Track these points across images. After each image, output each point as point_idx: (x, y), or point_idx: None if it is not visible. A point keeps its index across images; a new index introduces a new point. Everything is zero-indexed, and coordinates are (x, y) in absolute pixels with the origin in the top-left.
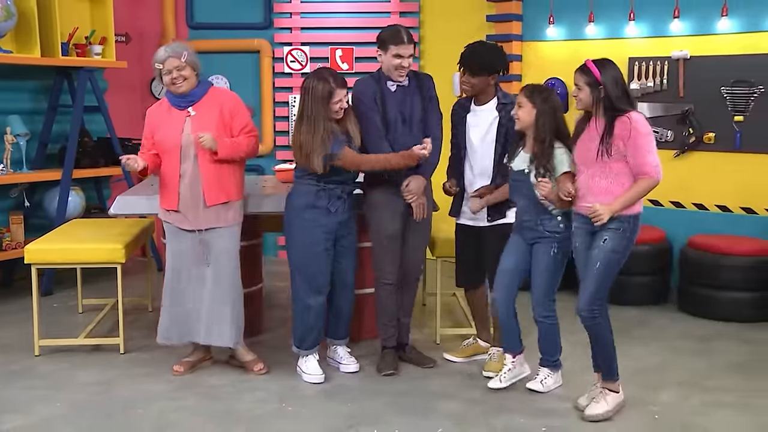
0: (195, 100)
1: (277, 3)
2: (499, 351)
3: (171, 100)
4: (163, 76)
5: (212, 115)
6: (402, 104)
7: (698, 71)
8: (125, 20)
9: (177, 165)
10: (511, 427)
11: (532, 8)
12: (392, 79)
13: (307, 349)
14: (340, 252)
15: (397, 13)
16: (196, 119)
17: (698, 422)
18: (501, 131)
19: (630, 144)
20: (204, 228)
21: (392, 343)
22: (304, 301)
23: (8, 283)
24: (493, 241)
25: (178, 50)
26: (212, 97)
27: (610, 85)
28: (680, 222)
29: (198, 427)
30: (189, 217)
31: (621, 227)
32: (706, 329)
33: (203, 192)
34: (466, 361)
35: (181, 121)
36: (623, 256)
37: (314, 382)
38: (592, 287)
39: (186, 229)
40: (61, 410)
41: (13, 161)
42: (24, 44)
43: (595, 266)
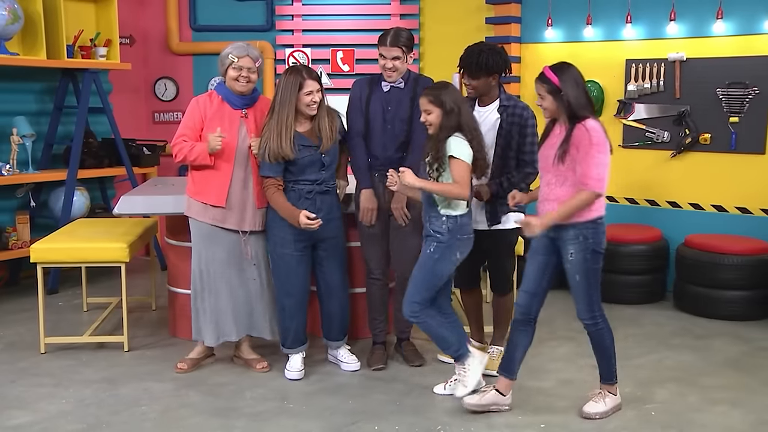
0: (250, 104)
1: (279, 5)
2: (500, 350)
3: (227, 96)
4: (230, 69)
5: (260, 122)
6: (388, 105)
7: (694, 73)
8: (129, 22)
9: (230, 163)
10: (511, 424)
11: (531, 11)
12: (385, 79)
13: (289, 347)
14: (322, 256)
15: (398, 15)
16: (250, 123)
17: (695, 419)
18: (501, 133)
19: (581, 152)
20: (249, 230)
21: (381, 338)
22: (279, 302)
23: (15, 281)
24: (494, 245)
25: (256, 54)
26: (262, 105)
27: (571, 90)
28: (676, 221)
29: (201, 423)
30: (235, 215)
31: (580, 235)
32: (703, 327)
33: (255, 194)
34: None
35: (236, 122)
36: (596, 261)
37: (292, 378)
38: (584, 298)
39: (226, 227)
40: (67, 407)
41: (19, 162)
42: (30, 46)
43: (575, 279)
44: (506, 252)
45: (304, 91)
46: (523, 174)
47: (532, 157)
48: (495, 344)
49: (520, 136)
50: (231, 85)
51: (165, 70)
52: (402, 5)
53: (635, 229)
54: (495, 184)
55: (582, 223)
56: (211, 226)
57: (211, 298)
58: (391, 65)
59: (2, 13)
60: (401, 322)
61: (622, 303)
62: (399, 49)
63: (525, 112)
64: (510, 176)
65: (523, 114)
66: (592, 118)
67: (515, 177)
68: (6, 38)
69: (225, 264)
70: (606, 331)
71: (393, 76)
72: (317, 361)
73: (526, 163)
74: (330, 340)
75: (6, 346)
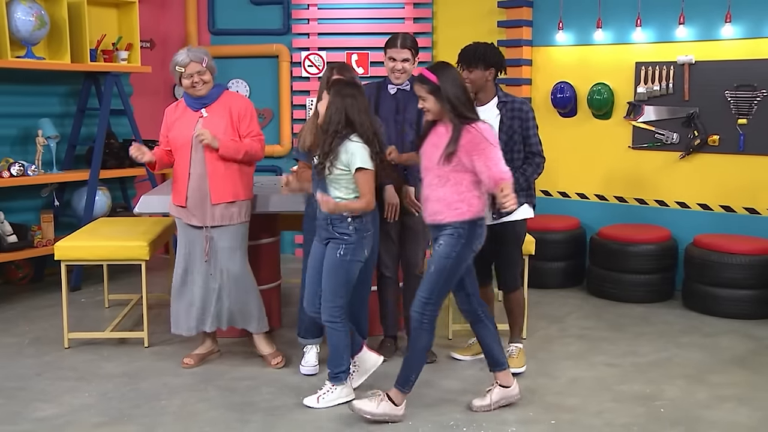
0: (209, 103)
1: (295, 9)
2: (518, 347)
3: (187, 100)
4: (182, 79)
5: (223, 117)
6: (397, 106)
7: (703, 76)
8: (150, 27)
9: (187, 163)
10: (522, 420)
11: (542, 14)
12: (392, 82)
13: (303, 337)
14: None
15: (411, 19)
16: (208, 120)
17: (704, 416)
18: (503, 128)
19: (481, 156)
20: (210, 225)
21: (392, 332)
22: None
23: (39, 278)
24: (499, 239)
25: (199, 55)
26: (225, 101)
27: (450, 88)
28: (685, 221)
29: (218, 417)
30: (196, 213)
31: (455, 233)
32: (711, 326)
33: (209, 190)
34: (472, 359)
35: (193, 121)
36: (456, 263)
37: (306, 374)
38: (425, 291)
39: (194, 225)
40: (90, 400)
41: (44, 162)
42: (55, 51)
43: (430, 269)
44: (513, 245)
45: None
46: (534, 165)
47: (538, 147)
48: (512, 342)
49: (523, 129)
50: (190, 93)
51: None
52: (415, 9)
53: (644, 229)
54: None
55: (460, 222)
56: (184, 223)
57: (188, 291)
58: (401, 67)
59: (29, 19)
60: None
61: (631, 302)
62: (409, 51)
63: (524, 105)
64: (523, 170)
65: (523, 108)
66: (480, 120)
67: (528, 170)
68: (33, 43)
69: (196, 259)
70: (425, 335)
71: (401, 78)
72: None
73: (534, 153)
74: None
75: (32, 341)
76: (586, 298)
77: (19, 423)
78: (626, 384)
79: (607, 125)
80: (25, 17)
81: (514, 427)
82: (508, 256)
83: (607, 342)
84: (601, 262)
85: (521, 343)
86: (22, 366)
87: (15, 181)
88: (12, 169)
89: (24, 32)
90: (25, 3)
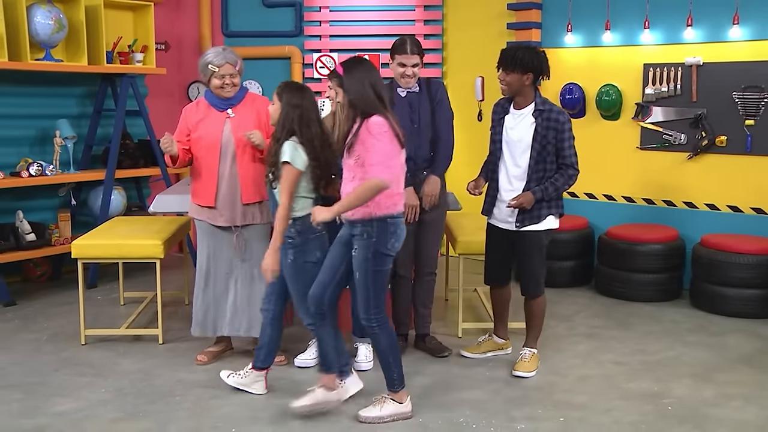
0: (234, 103)
1: (307, 12)
2: (532, 351)
3: (211, 101)
4: (213, 78)
5: (250, 118)
6: (411, 108)
7: (711, 77)
8: (165, 29)
9: (216, 163)
10: (531, 417)
11: (551, 16)
12: (401, 86)
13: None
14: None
15: (422, 21)
16: (236, 120)
17: (711, 414)
18: (536, 137)
19: (365, 151)
20: (240, 224)
21: (404, 330)
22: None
23: (57, 276)
24: (520, 246)
25: (233, 58)
26: (249, 102)
27: (351, 84)
28: (693, 221)
29: (231, 413)
30: (225, 213)
31: (365, 233)
32: (718, 325)
33: (241, 190)
34: (482, 357)
35: (221, 122)
36: (379, 263)
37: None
38: (362, 297)
39: (220, 225)
40: (107, 396)
41: (61, 162)
42: (73, 53)
43: (356, 276)
44: (535, 254)
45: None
46: (566, 176)
47: (572, 159)
48: (527, 346)
49: (557, 140)
50: (217, 93)
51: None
52: (426, 11)
53: (652, 228)
54: (539, 190)
55: (368, 220)
56: (209, 224)
57: (209, 293)
58: (411, 72)
59: (48, 22)
60: (421, 317)
61: (640, 301)
62: (418, 56)
63: (561, 116)
64: (554, 180)
65: (559, 118)
66: (380, 114)
67: (559, 180)
68: (52, 46)
69: (223, 260)
70: (381, 336)
71: (411, 82)
72: None
73: (567, 165)
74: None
75: (50, 337)
76: (595, 297)
77: (38, 417)
78: (634, 382)
79: (616, 126)
80: (44, 21)
81: (523, 424)
82: (527, 264)
83: (615, 340)
84: (610, 261)
85: (536, 348)
86: (40, 362)
87: (34, 180)
88: (31, 169)
89: (43, 35)
90: (44, 6)
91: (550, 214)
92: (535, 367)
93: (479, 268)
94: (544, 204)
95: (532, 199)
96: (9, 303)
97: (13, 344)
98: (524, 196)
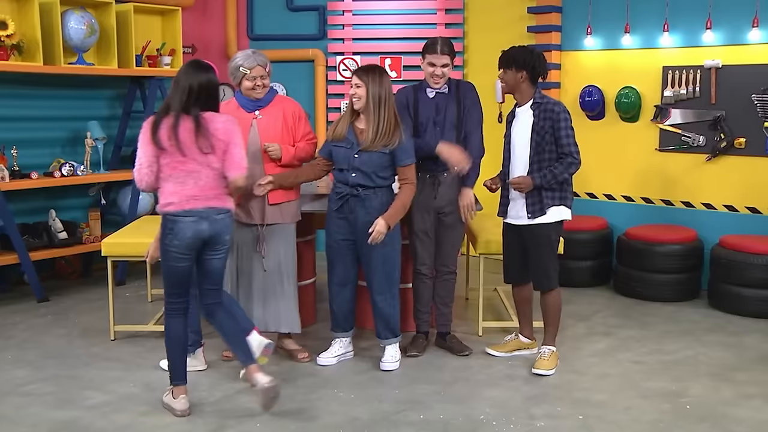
0: (262, 105)
1: (330, 16)
2: (551, 350)
3: (240, 101)
4: (244, 80)
5: (277, 120)
6: (436, 109)
7: (730, 79)
8: (192, 33)
9: None
10: (551, 415)
11: (571, 19)
12: (430, 86)
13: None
14: (361, 256)
15: (443, 24)
16: (263, 122)
17: (729, 413)
18: (535, 128)
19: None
20: (266, 223)
21: (424, 328)
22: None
23: (87, 273)
24: (530, 240)
25: (264, 60)
26: (277, 104)
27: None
28: (711, 222)
29: (256, 407)
30: (251, 211)
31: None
32: (736, 325)
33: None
34: (507, 356)
35: (248, 123)
36: (163, 257)
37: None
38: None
39: (244, 222)
40: (135, 390)
41: (91, 163)
42: (104, 57)
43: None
44: (544, 246)
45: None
46: (565, 164)
47: (570, 148)
48: (545, 344)
49: (555, 129)
50: (248, 94)
51: (224, 77)
52: (447, 15)
53: (671, 229)
54: (538, 176)
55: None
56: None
57: (237, 288)
58: (440, 72)
59: (81, 27)
60: (442, 316)
61: (658, 300)
62: (448, 57)
63: (556, 107)
64: (553, 167)
65: (554, 109)
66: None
67: (558, 168)
68: (84, 50)
69: (247, 256)
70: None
71: (440, 82)
72: (366, 352)
73: (565, 154)
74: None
75: (81, 333)
76: (613, 297)
77: (70, 409)
78: (652, 381)
79: (635, 128)
80: (77, 26)
81: (542, 422)
82: (537, 256)
83: (634, 340)
84: (628, 261)
85: (554, 346)
86: (72, 356)
87: (66, 180)
88: (63, 170)
89: (76, 40)
90: (77, 12)
91: (553, 205)
92: (555, 365)
93: (499, 268)
94: (545, 194)
95: (530, 182)
96: (42, 299)
97: (46, 339)
98: (523, 177)
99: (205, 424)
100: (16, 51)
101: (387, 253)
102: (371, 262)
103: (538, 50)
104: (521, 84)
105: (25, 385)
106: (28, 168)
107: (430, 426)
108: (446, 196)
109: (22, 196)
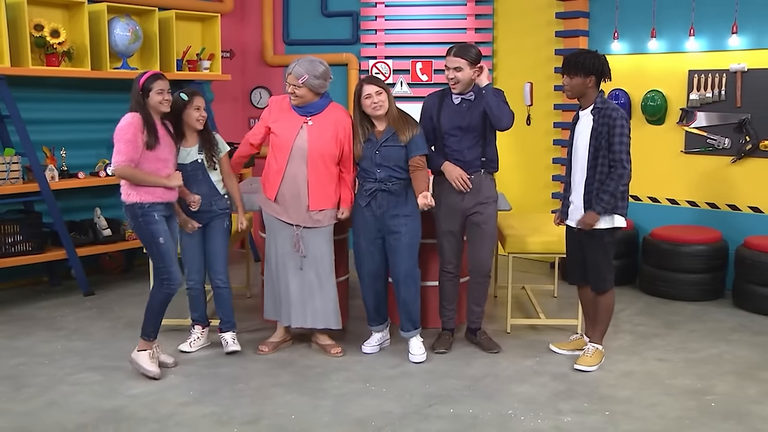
0: (314, 112)
1: (363, 21)
2: (596, 347)
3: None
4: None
5: (327, 129)
6: (461, 116)
7: (755, 83)
8: (230, 38)
9: (283, 164)
10: (578, 410)
11: (598, 24)
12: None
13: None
14: (388, 248)
15: (473, 29)
16: (313, 129)
17: (754, 411)
18: (593, 134)
19: None
20: (305, 226)
21: (450, 325)
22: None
23: (129, 268)
24: (586, 243)
25: (299, 72)
26: (331, 112)
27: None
28: (736, 223)
29: (292, 401)
30: (290, 212)
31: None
32: (760, 324)
33: (309, 197)
34: (570, 353)
35: (298, 125)
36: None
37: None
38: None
39: (283, 220)
40: (176, 381)
41: None
42: (147, 61)
43: None
44: (597, 251)
45: (363, 94)
46: (616, 177)
47: (620, 155)
48: (592, 341)
49: (610, 135)
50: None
51: (260, 80)
52: (477, 20)
53: (696, 230)
54: (599, 207)
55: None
56: (273, 217)
57: (272, 283)
58: (453, 75)
59: (126, 33)
60: (474, 314)
61: (683, 300)
62: (461, 60)
63: (615, 112)
64: (606, 186)
65: (612, 114)
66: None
67: (611, 185)
68: (128, 55)
69: (286, 254)
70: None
71: (456, 87)
72: (399, 348)
73: (615, 161)
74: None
75: (124, 325)
76: (639, 296)
77: (115, 398)
78: (677, 378)
79: (661, 130)
80: (122, 32)
81: (569, 417)
82: (592, 260)
83: (659, 338)
84: (654, 261)
85: (601, 344)
86: (116, 347)
87: (110, 180)
88: (108, 170)
89: (121, 45)
90: (122, 20)
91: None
92: (598, 362)
93: (527, 267)
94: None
95: (595, 218)
96: (88, 293)
97: (93, 331)
98: (587, 216)
99: (242, 416)
100: (66, 57)
101: (412, 245)
102: (397, 254)
103: (602, 53)
104: (589, 89)
105: (74, 374)
106: (76, 168)
107: (460, 420)
108: (474, 197)
109: (69, 194)
